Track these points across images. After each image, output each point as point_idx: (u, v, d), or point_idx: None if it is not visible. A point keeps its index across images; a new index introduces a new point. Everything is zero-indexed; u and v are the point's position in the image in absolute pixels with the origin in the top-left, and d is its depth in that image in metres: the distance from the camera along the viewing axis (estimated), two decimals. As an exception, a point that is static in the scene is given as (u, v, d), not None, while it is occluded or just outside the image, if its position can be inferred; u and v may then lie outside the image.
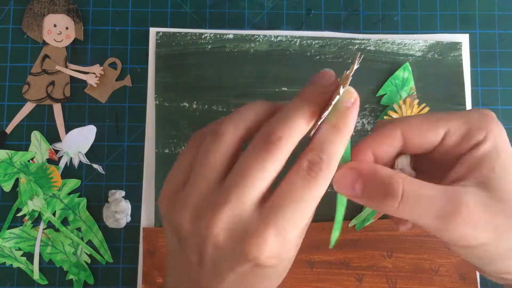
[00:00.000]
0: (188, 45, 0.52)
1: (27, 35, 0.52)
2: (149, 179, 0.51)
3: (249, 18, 0.54)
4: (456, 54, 0.53)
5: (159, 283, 0.50)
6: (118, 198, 0.50)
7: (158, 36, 0.52)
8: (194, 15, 0.54)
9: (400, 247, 0.51)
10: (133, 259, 0.51)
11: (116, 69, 0.53)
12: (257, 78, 0.52)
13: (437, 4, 0.55)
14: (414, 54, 0.53)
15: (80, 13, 0.53)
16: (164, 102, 0.52)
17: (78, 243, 0.50)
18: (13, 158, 0.50)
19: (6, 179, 0.50)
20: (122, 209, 0.50)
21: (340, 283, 0.50)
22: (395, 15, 0.54)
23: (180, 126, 0.52)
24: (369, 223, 0.51)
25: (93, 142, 0.52)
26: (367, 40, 0.53)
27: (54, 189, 0.50)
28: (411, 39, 0.53)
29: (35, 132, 0.51)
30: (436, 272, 0.50)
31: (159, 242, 0.50)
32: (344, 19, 0.54)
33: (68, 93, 0.52)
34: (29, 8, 0.52)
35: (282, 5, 0.54)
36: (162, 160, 0.51)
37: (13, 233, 0.50)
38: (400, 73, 0.52)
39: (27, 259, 0.50)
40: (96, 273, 0.51)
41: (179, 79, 0.52)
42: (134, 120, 0.52)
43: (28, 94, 0.52)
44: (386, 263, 0.51)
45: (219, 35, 0.53)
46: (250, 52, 0.53)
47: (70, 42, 0.53)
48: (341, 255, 0.51)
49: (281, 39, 0.53)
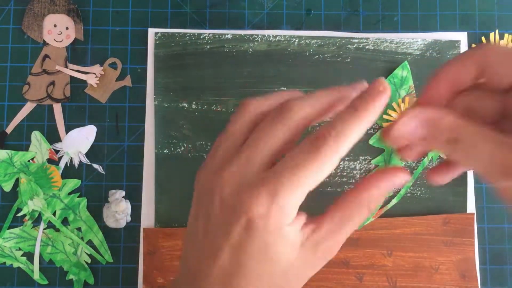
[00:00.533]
0: (187, 46, 0.53)
1: (28, 35, 0.53)
2: (149, 180, 0.51)
3: (249, 18, 0.54)
4: (455, 53, 0.53)
5: (159, 283, 0.50)
6: (118, 198, 0.50)
7: (157, 36, 0.53)
8: (194, 15, 0.54)
9: (400, 246, 0.51)
10: (133, 259, 0.51)
11: (116, 69, 0.53)
12: (256, 78, 0.52)
13: (437, 4, 0.55)
14: (413, 52, 0.53)
15: (81, 13, 0.53)
16: (163, 103, 0.52)
17: (78, 243, 0.50)
18: (13, 158, 0.51)
19: (7, 179, 0.50)
20: (122, 209, 0.50)
21: (340, 282, 0.50)
22: (395, 15, 0.54)
23: (179, 127, 0.52)
24: (369, 222, 0.51)
25: (93, 142, 0.52)
26: (366, 39, 0.53)
27: (54, 189, 0.50)
28: (409, 38, 0.53)
29: (35, 132, 0.51)
30: (436, 270, 0.50)
31: (159, 242, 0.50)
32: (344, 19, 0.54)
33: (68, 93, 0.52)
34: (30, 8, 0.53)
35: (282, 5, 0.54)
36: (161, 160, 0.51)
37: (13, 233, 0.50)
38: (398, 72, 0.52)
39: (27, 259, 0.50)
40: (96, 273, 0.51)
41: (178, 80, 0.52)
42: (134, 120, 0.52)
43: (28, 94, 0.52)
44: (386, 261, 0.50)
45: (217, 35, 0.53)
46: (248, 52, 0.53)
47: (70, 42, 0.53)
48: (341, 254, 0.50)
49: (279, 39, 0.53)
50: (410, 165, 0.52)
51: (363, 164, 0.52)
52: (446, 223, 0.51)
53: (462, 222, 0.51)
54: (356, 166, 0.52)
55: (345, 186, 0.51)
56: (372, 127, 0.52)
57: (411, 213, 0.51)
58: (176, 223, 0.51)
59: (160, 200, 0.51)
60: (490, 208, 0.52)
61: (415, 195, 0.52)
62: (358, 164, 0.52)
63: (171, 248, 0.50)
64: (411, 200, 0.52)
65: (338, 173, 0.51)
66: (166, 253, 0.50)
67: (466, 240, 0.51)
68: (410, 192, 0.52)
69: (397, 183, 0.31)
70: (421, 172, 0.52)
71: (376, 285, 0.50)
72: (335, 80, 0.52)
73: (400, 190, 0.51)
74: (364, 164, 0.52)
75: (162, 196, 0.51)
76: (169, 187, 0.51)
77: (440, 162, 0.34)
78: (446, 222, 0.51)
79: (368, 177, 0.31)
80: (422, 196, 0.52)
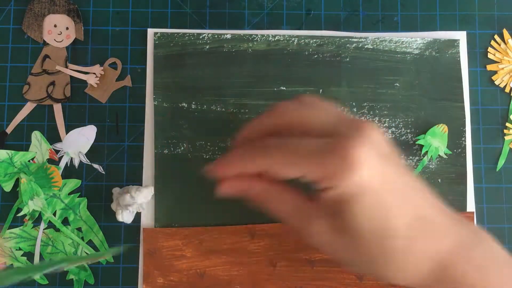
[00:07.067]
0: (186, 46, 0.53)
1: (28, 35, 0.53)
2: (148, 180, 0.51)
3: (249, 19, 0.54)
4: (454, 52, 0.53)
5: (159, 283, 0.50)
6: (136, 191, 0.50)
7: (156, 36, 0.53)
8: (194, 16, 0.54)
9: (400, 245, 0.51)
10: (133, 259, 0.51)
11: (116, 69, 0.53)
12: (255, 77, 0.52)
13: (437, 4, 0.55)
14: (412, 52, 0.53)
15: (81, 13, 0.53)
16: (162, 103, 0.52)
17: (78, 243, 0.50)
18: (13, 158, 0.51)
19: (7, 179, 0.51)
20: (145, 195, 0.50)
21: (341, 282, 0.50)
22: (395, 16, 0.54)
23: (179, 126, 0.52)
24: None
25: (93, 142, 0.52)
26: (365, 39, 0.53)
27: (55, 189, 0.50)
28: (408, 37, 0.53)
29: (35, 132, 0.51)
30: (436, 269, 0.50)
31: (159, 242, 0.50)
32: (344, 20, 0.54)
33: (68, 93, 0.52)
34: (30, 8, 0.53)
35: (282, 5, 0.54)
36: (161, 160, 0.51)
37: (13, 233, 0.50)
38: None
39: (27, 259, 0.50)
40: (97, 273, 0.51)
41: (177, 80, 0.52)
42: (134, 120, 0.52)
43: (28, 94, 0.52)
44: (385, 261, 0.50)
45: (217, 35, 0.53)
46: (248, 51, 0.53)
47: (70, 42, 0.53)
48: (341, 254, 0.50)
49: (279, 38, 0.53)
50: (410, 165, 0.52)
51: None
52: (446, 222, 0.51)
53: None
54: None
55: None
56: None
57: (410, 212, 0.51)
58: (176, 223, 0.51)
59: (160, 200, 0.51)
60: (490, 208, 0.52)
61: (414, 194, 0.52)
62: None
63: (171, 248, 0.50)
64: (410, 199, 0.51)
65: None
66: (166, 253, 0.50)
67: (466, 239, 0.51)
68: (410, 191, 0.51)
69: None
70: (421, 172, 0.52)
71: (377, 284, 0.50)
72: (334, 79, 0.52)
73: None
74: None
75: (162, 196, 0.51)
76: (169, 187, 0.51)
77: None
78: (445, 221, 0.51)
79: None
80: (422, 195, 0.52)
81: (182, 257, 0.50)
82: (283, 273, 0.50)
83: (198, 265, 0.50)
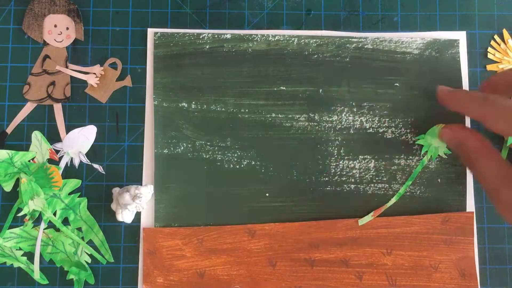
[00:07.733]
0: (186, 46, 0.53)
1: (28, 35, 0.53)
2: (148, 180, 0.51)
3: (249, 19, 0.54)
4: (454, 52, 0.53)
5: (159, 283, 0.50)
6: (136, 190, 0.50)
7: (156, 36, 0.53)
8: (194, 16, 0.54)
9: (400, 245, 0.51)
10: (133, 259, 0.51)
11: (116, 69, 0.53)
12: (255, 77, 0.52)
13: (437, 4, 0.55)
14: (412, 52, 0.53)
15: (81, 13, 0.53)
16: (162, 103, 0.52)
17: (78, 243, 0.51)
18: (13, 158, 0.51)
19: (7, 179, 0.51)
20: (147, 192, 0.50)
21: (340, 281, 0.50)
22: (394, 16, 0.54)
23: (179, 126, 0.52)
24: (369, 221, 0.51)
25: (94, 142, 0.52)
26: (365, 39, 0.53)
27: (55, 189, 0.50)
28: (408, 37, 0.53)
29: (35, 132, 0.51)
30: (436, 269, 0.50)
31: (159, 242, 0.50)
32: (344, 20, 0.54)
33: (68, 93, 0.52)
34: (30, 9, 0.53)
35: (282, 5, 0.54)
36: (161, 160, 0.51)
37: (13, 233, 0.50)
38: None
39: (27, 259, 0.50)
40: (97, 273, 0.51)
41: (177, 80, 0.52)
42: (134, 120, 0.52)
43: (28, 94, 0.52)
44: (385, 260, 0.50)
45: (216, 35, 0.53)
46: (248, 51, 0.53)
47: (70, 42, 0.53)
48: (341, 253, 0.51)
49: (278, 38, 0.53)
50: (410, 165, 0.52)
51: (362, 163, 0.52)
52: (446, 221, 0.51)
53: (461, 220, 0.51)
54: (356, 166, 0.52)
55: (345, 186, 0.51)
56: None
57: (410, 212, 0.51)
58: (176, 223, 0.51)
59: (160, 200, 0.51)
60: (490, 208, 0.52)
61: (414, 194, 0.52)
62: (357, 163, 0.52)
63: (171, 248, 0.50)
64: (410, 199, 0.52)
65: (337, 172, 0.52)
66: (166, 253, 0.50)
67: (466, 239, 0.51)
68: (410, 191, 0.52)
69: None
70: (421, 172, 0.52)
71: (376, 284, 0.50)
72: (334, 79, 0.52)
73: (400, 189, 0.51)
74: (364, 164, 0.52)
75: (162, 196, 0.51)
76: (169, 187, 0.51)
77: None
78: (445, 220, 0.51)
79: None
80: (422, 195, 0.52)
81: (182, 257, 0.50)
82: (282, 273, 0.50)
83: (198, 265, 0.50)
